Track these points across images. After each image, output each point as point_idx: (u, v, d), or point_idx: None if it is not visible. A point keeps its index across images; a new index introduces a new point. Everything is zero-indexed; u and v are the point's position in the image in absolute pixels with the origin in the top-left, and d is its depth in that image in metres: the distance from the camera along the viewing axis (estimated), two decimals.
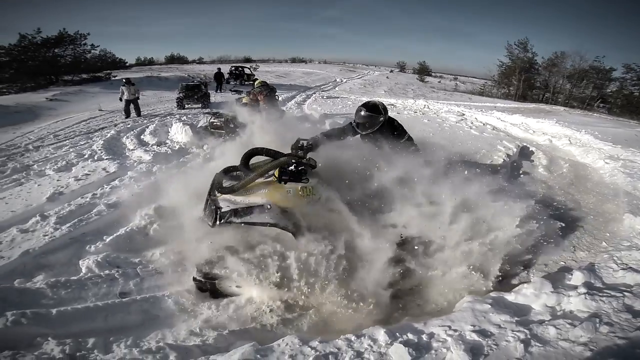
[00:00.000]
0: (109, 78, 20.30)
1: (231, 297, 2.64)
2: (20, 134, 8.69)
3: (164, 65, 35.97)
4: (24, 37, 19.04)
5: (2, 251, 3.07)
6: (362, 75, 34.81)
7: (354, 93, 19.17)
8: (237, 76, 22.78)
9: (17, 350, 2.10)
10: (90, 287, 2.70)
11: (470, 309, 2.18)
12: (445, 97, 22.64)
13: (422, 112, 11.46)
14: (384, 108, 3.06)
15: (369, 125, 3.02)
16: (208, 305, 2.57)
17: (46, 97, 14.28)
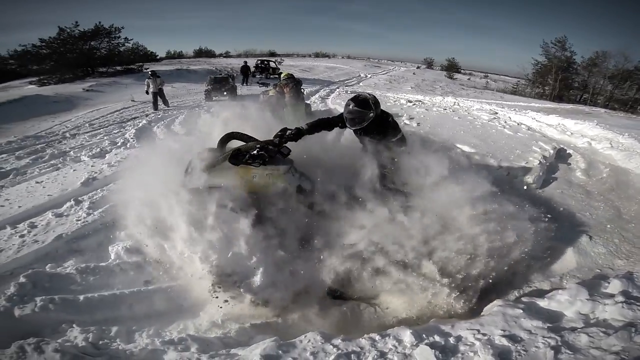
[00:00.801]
0: (141, 70, 20.90)
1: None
2: (59, 122, 9.18)
3: (193, 59, 36.76)
4: (63, 30, 19.91)
5: (38, 235, 3.21)
6: (387, 71, 34.11)
7: (379, 89, 18.80)
8: (263, 70, 22.96)
9: (41, 336, 2.15)
10: (118, 274, 2.78)
11: (501, 313, 2.11)
12: (475, 95, 21.76)
13: (452, 109, 11.01)
14: (374, 102, 2.80)
15: (358, 120, 2.78)
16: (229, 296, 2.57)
17: (83, 87, 14.99)
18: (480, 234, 2.66)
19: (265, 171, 2.50)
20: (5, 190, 4.45)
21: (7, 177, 4.97)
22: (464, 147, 6.12)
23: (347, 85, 19.63)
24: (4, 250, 2.98)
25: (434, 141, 6.30)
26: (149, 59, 25.73)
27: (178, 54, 41.74)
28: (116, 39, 21.77)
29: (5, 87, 16.76)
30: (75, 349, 2.06)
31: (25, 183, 4.62)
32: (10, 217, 3.57)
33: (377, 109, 2.82)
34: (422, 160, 2.86)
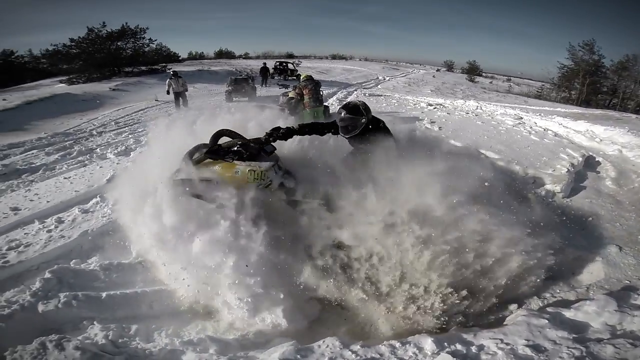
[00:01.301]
0: (165, 70, 21.28)
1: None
2: (86, 120, 9.56)
3: (214, 60, 37.42)
4: (92, 31, 20.55)
5: (64, 230, 3.30)
6: (406, 74, 33.69)
7: (397, 91, 18.56)
8: (281, 71, 23.14)
9: (62, 332, 2.20)
10: (140, 272, 2.82)
11: (525, 322, 2.07)
12: (497, 98, 21.15)
13: (474, 113, 10.74)
14: (365, 109, 2.81)
15: (350, 128, 2.80)
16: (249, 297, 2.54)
17: (109, 87, 15.51)
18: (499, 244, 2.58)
19: (248, 167, 2.57)
20: (35, 184, 4.64)
21: (37, 172, 5.19)
22: (488, 153, 5.96)
23: (365, 88, 19.48)
24: (31, 244, 3.09)
25: (457, 146, 6.22)
26: (172, 60, 26.41)
27: (199, 55, 42.55)
28: (141, 40, 22.38)
29: (37, 85, 17.57)
30: (95, 346, 2.09)
31: (53, 178, 4.81)
32: (38, 212, 3.71)
33: (368, 115, 2.82)
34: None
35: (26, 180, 4.88)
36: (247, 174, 2.55)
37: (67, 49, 20.37)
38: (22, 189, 4.56)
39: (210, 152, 2.62)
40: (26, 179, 4.93)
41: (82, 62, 19.89)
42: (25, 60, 24.56)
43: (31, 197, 4.15)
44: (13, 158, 6.15)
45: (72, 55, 20.25)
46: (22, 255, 2.94)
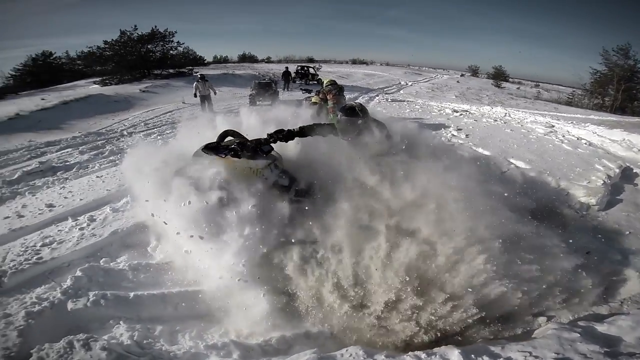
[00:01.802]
0: (191, 73, 21.74)
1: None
2: (118, 121, 9.96)
3: (237, 64, 38.26)
4: (124, 34, 21.16)
5: (95, 228, 3.38)
6: (429, 79, 33.15)
7: (421, 97, 18.26)
8: (303, 75, 23.24)
9: (87, 331, 2.24)
10: (166, 273, 2.84)
11: (556, 336, 2.02)
12: (526, 105, 20.44)
13: (503, 120, 10.37)
14: (361, 110, 2.89)
15: (350, 129, 2.89)
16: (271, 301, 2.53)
17: (139, 88, 16.03)
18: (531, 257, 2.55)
19: (246, 164, 2.75)
20: (69, 182, 4.84)
21: (71, 169, 5.42)
22: (518, 163, 5.75)
23: (386, 93, 19.27)
24: (64, 241, 3.19)
25: (485, 155, 6.01)
26: (198, 63, 27.09)
27: (224, 59, 43.63)
28: (170, 43, 22.89)
29: (73, 86, 18.52)
30: (120, 347, 2.11)
31: (86, 177, 5.00)
32: (72, 209, 3.84)
33: (366, 117, 2.90)
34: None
35: (61, 178, 5.11)
36: (245, 170, 2.74)
37: (101, 51, 21.12)
38: (57, 186, 4.77)
39: (208, 148, 2.86)
40: (61, 176, 5.16)
41: (114, 64, 20.54)
42: (62, 62, 25.60)
43: (65, 194, 4.33)
44: (49, 156, 6.47)
45: (106, 57, 20.95)
46: (54, 252, 3.04)
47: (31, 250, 3.06)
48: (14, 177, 5.21)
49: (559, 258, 2.70)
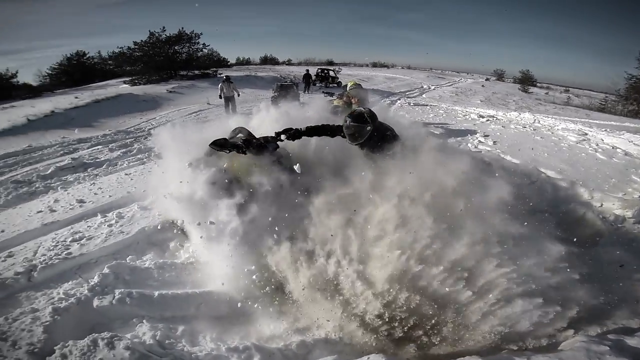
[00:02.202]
0: (216, 75, 22.05)
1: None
2: (145, 120, 10.28)
3: (259, 65, 38.74)
4: (152, 35, 21.54)
5: (124, 225, 3.44)
6: (452, 83, 32.40)
7: (444, 101, 17.83)
8: (323, 78, 23.24)
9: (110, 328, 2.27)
10: (191, 273, 2.84)
11: (584, 348, 1.96)
12: (555, 111, 19.61)
13: (532, 127, 9.95)
14: (370, 116, 2.86)
15: (357, 135, 2.87)
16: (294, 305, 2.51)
17: (166, 89, 16.47)
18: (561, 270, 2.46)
19: (251, 160, 2.87)
20: (99, 178, 4.99)
21: (101, 166, 5.59)
22: (549, 172, 5.49)
23: (408, 97, 18.94)
24: (93, 237, 3.26)
25: (514, 164, 5.75)
26: (222, 65, 27.56)
27: (246, 61, 44.33)
28: (196, 44, 23.11)
29: (105, 85, 19.32)
30: (143, 346, 2.12)
31: (115, 174, 5.14)
32: (101, 206, 3.95)
33: (374, 122, 2.87)
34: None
35: (91, 174, 5.29)
36: (250, 165, 2.85)
37: (131, 52, 21.62)
38: (87, 182, 4.94)
39: (214, 144, 2.95)
40: (91, 173, 5.35)
41: (143, 64, 20.98)
42: (94, 61, 26.64)
43: (95, 190, 4.46)
44: (81, 152, 6.73)
45: (135, 57, 21.39)
46: (83, 248, 3.10)
47: (61, 245, 3.14)
48: (48, 172, 5.45)
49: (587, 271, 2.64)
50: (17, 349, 2.07)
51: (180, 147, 3.42)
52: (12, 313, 2.35)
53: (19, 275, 2.73)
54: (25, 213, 3.99)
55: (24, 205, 4.35)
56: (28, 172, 5.61)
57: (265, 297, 2.62)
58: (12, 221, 3.78)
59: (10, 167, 6.04)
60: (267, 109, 4.37)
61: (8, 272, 2.79)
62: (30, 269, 2.81)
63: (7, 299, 2.55)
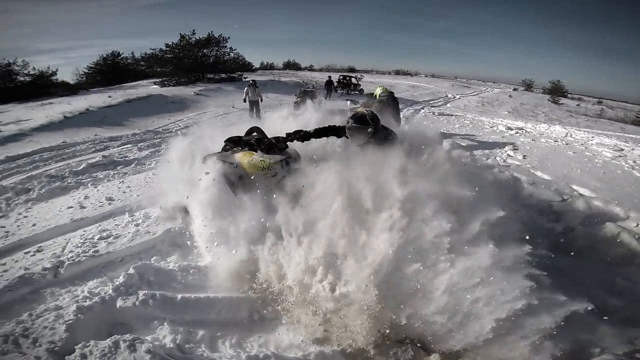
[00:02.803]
0: (241, 79, 22.47)
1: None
2: (173, 121, 10.57)
3: (282, 70, 39.31)
4: (183, 37, 22.14)
5: (150, 226, 3.47)
6: (478, 92, 31.66)
7: (469, 111, 17.40)
8: (345, 85, 23.19)
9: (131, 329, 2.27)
10: (213, 277, 2.80)
11: None
12: (587, 124, 18.75)
13: (564, 141, 9.49)
14: (372, 118, 2.99)
15: (359, 136, 3.01)
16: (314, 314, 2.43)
17: (194, 91, 16.88)
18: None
19: (261, 157, 3.04)
20: (127, 177, 5.12)
21: (130, 165, 5.76)
22: (581, 190, 5.20)
23: (433, 106, 18.58)
24: (120, 236, 3.30)
25: (544, 180, 5.48)
26: (246, 69, 28.09)
27: (270, 65, 45.05)
28: (223, 48, 23.59)
29: (136, 85, 20.08)
30: (163, 350, 2.11)
31: (144, 173, 5.27)
32: (129, 204, 4.02)
33: (376, 124, 2.99)
34: None
35: (121, 172, 5.44)
36: (259, 162, 3.02)
37: (162, 53, 22.26)
38: (116, 180, 5.08)
39: (229, 141, 3.27)
40: (121, 171, 5.50)
41: (172, 66, 21.59)
42: (128, 62, 27.75)
43: (124, 188, 4.58)
44: (112, 150, 6.97)
45: (166, 59, 22.04)
46: (110, 246, 3.14)
47: (89, 242, 3.19)
48: (79, 168, 5.65)
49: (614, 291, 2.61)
50: (38, 346, 2.08)
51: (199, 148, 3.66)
52: (36, 309, 2.38)
53: (46, 271, 2.77)
54: (57, 208, 4.12)
55: (55, 200, 4.50)
56: (61, 167, 5.82)
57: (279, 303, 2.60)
58: (44, 215, 3.91)
59: (45, 162, 6.32)
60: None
61: (36, 267, 2.84)
62: (57, 265, 2.85)
63: (32, 294, 2.60)
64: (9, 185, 4.93)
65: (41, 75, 18.97)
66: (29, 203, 4.39)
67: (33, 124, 9.71)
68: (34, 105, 13.11)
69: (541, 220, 4.10)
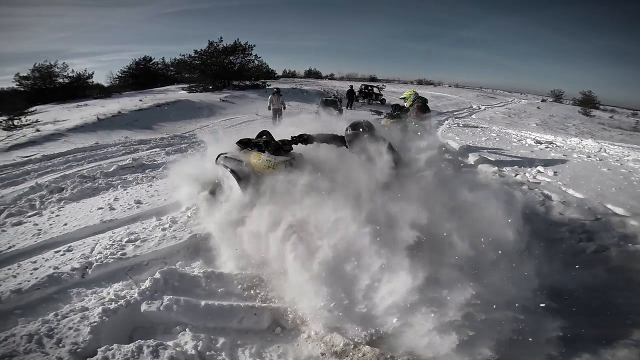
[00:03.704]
0: (265, 86, 22.79)
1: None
2: (199, 127, 10.87)
3: (303, 79, 39.75)
4: (211, 44, 22.60)
5: (176, 230, 3.50)
6: (504, 103, 30.80)
7: (495, 123, 16.91)
8: (366, 95, 23.10)
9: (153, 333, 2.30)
10: (237, 284, 2.81)
11: None
12: (621, 137, 17.78)
13: (598, 157, 9.00)
14: (367, 126, 3.12)
15: (355, 143, 3.10)
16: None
17: (219, 98, 17.31)
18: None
19: (267, 158, 3.28)
20: (155, 181, 5.26)
21: (158, 169, 5.92)
22: (617, 209, 4.87)
23: (457, 117, 18.19)
24: (147, 240, 3.35)
25: (577, 198, 5.20)
26: (270, 77, 28.56)
27: (292, 73, 45.72)
28: (249, 56, 23.86)
29: (165, 90, 20.87)
30: (184, 356, 2.12)
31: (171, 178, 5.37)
32: (157, 208, 4.10)
33: (370, 131, 3.08)
34: None
35: (149, 176, 5.60)
36: (265, 162, 3.25)
37: (191, 60, 22.83)
38: (145, 183, 5.23)
39: (240, 142, 3.63)
40: (149, 174, 5.67)
41: (200, 72, 22.13)
42: (158, 67, 28.92)
43: (152, 192, 4.69)
44: (141, 153, 7.22)
45: (194, 65, 22.58)
46: (137, 249, 3.19)
47: (117, 245, 3.25)
48: (110, 169, 5.88)
49: None
50: (61, 347, 2.11)
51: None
52: (62, 309, 2.42)
53: (75, 271, 2.84)
54: (87, 208, 4.26)
55: (86, 200, 4.67)
56: (93, 168, 6.07)
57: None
58: (75, 215, 4.05)
59: (79, 162, 6.63)
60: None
61: (65, 266, 2.91)
62: (85, 266, 2.90)
63: (58, 293, 2.65)
64: (44, 184, 5.18)
65: (78, 78, 20.11)
66: (61, 202, 4.58)
67: (69, 124, 10.27)
68: (70, 106, 13.88)
69: (572, 240, 3.90)
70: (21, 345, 2.11)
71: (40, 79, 19.00)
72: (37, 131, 9.59)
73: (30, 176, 5.82)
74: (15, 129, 10.32)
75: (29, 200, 4.66)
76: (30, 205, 4.51)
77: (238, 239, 3.06)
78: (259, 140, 3.57)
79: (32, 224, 3.88)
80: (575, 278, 2.95)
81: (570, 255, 3.45)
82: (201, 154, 4.19)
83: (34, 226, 3.82)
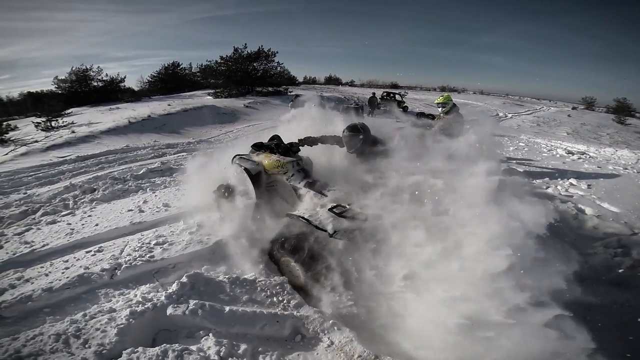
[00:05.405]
0: (287, 93, 23.11)
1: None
2: (224, 132, 11.12)
3: (324, 85, 39.97)
4: (236, 51, 23.19)
5: (203, 235, 3.54)
6: (532, 111, 29.60)
7: (524, 132, 16.26)
8: (388, 102, 22.87)
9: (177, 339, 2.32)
10: (260, 291, 2.82)
11: None
12: None
13: (634, 169, 8.47)
14: (362, 128, 3.35)
15: (352, 144, 3.39)
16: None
17: (243, 103, 17.62)
18: None
19: (277, 157, 3.56)
20: (183, 185, 5.41)
21: (185, 173, 6.07)
22: None
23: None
24: (175, 243, 3.40)
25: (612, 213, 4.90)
26: (291, 83, 28.91)
27: (312, 80, 46.09)
28: (271, 62, 24.33)
29: (192, 95, 21.55)
30: None
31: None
32: (184, 212, 4.15)
33: (366, 133, 3.33)
34: None
35: (176, 180, 5.73)
36: (275, 162, 3.50)
37: (217, 66, 23.46)
38: (172, 187, 5.38)
39: (254, 145, 3.98)
40: (176, 178, 5.80)
41: (225, 78, 22.68)
42: (185, 72, 29.93)
43: (179, 196, 4.81)
44: (169, 157, 7.45)
45: (219, 71, 23.20)
46: (165, 252, 3.24)
47: (146, 247, 3.33)
48: (140, 172, 6.09)
49: None
50: (87, 347, 2.15)
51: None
52: (90, 310, 2.47)
53: (104, 272, 2.90)
54: (118, 209, 4.40)
55: (117, 201, 4.83)
56: (124, 171, 6.30)
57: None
58: (106, 216, 4.19)
59: (110, 164, 6.92)
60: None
61: (95, 267, 2.99)
62: (115, 267, 2.97)
63: (87, 294, 2.72)
64: (78, 184, 5.43)
65: (111, 82, 21.14)
66: (93, 202, 4.78)
67: (102, 127, 10.79)
68: (104, 109, 14.58)
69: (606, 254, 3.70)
70: (48, 345, 2.17)
71: (76, 82, 20.16)
72: (72, 133, 10.16)
73: (65, 176, 6.14)
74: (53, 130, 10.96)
75: (62, 199, 4.89)
76: (64, 205, 4.73)
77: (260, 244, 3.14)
78: (270, 143, 3.95)
79: (66, 223, 4.06)
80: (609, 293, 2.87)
81: (605, 269, 3.37)
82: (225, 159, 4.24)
83: (67, 225, 3.98)
